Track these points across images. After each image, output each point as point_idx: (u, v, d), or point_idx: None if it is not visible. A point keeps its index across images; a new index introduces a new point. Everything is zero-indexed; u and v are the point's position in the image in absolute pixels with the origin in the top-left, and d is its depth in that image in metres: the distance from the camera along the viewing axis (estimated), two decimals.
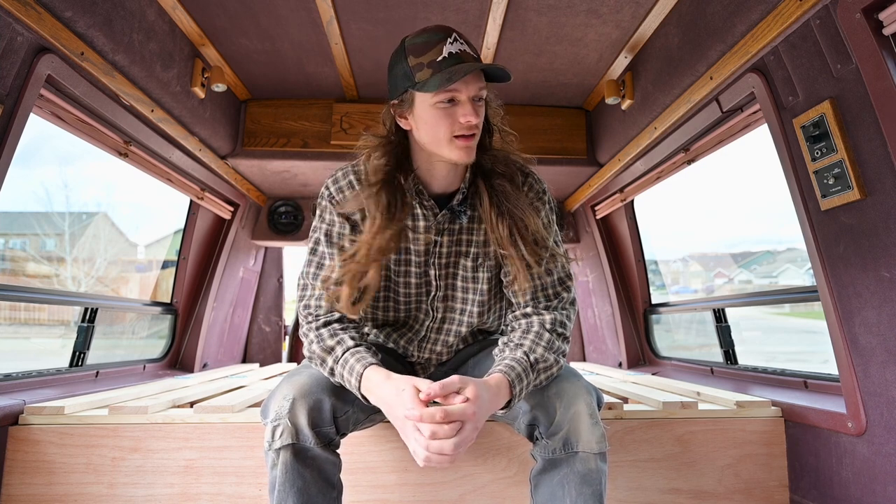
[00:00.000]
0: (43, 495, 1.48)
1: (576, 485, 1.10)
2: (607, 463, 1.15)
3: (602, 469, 1.13)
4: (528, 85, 2.44)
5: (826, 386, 1.74)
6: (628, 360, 3.07)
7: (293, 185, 3.03)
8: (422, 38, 1.16)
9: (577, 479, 1.11)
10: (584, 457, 1.11)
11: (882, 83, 1.18)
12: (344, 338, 1.20)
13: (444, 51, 1.13)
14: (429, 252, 1.32)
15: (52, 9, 1.39)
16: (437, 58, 1.12)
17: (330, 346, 1.20)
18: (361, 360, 1.15)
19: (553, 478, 1.14)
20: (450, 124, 1.15)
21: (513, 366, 1.14)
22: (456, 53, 1.13)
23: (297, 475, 1.10)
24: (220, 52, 2.16)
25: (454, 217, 1.31)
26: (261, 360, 3.63)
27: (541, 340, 1.21)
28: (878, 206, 1.25)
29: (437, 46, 1.13)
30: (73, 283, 18.63)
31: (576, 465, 1.11)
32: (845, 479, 1.41)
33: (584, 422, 1.12)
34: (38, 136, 2.41)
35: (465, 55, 1.14)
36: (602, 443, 1.12)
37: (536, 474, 1.19)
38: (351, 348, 1.18)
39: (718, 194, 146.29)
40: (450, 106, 1.15)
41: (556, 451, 1.14)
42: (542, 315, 1.25)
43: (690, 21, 1.74)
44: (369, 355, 1.17)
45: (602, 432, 1.13)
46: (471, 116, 1.14)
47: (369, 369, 1.13)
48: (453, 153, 1.17)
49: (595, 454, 1.11)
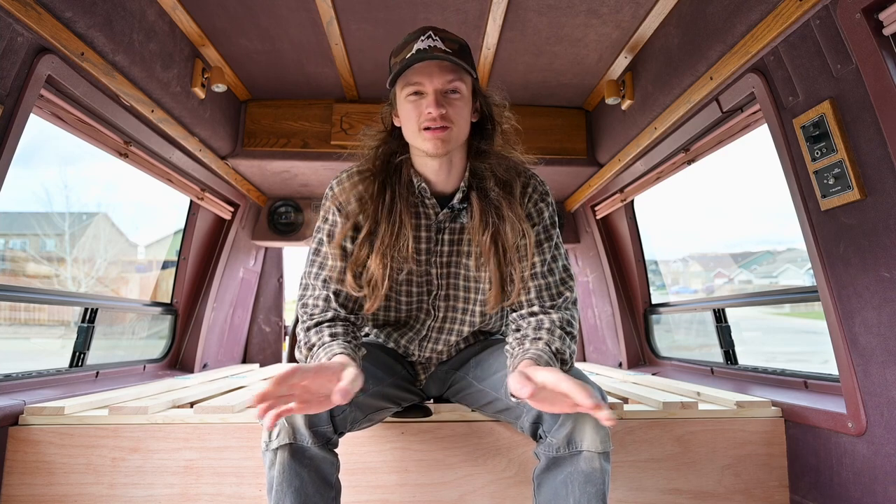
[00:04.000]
0: (43, 495, 1.48)
1: (579, 484, 1.10)
2: (610, 463, 1.15)
3: (605, 469, 1.13)
4: (528, 85, 2.44)
5: (826, 386, 1.74)
6: (628, 361, 3.07)
7: (293, 185, 3.03)
8: (403, 38, 1.24)
9: (580, 478, 1.11)
10: (588, 456, 1.11)
11: (882, 83, 1.18)
12: (324, 334, 1.21)
13: (414, 48, 1.19)
14: (430, 251, 1.33)
15: (52, 9, 1.39)
16: (408, 55, 1.18)
17: (312, 342, 1.21)
18: (328, 353, 1.15)
19: (556, 477, 1.14)
20: (417, 116, 1.20)
21: (540, 354, 1.14)
22: (424, 49, 1.18)
23: (295, 475, 1.10)
24: (220, 52, 2.16)
25: (455, 216, 1.31)
26: (261, 361, 3.63)
27: (554, 336, 1.22)
28: (878, 207, 1.25)
29: (410, 44, 1.20)
30: (73, 284, 18.63)
31: (580, 464, 1.11)
32: (845, 480, 1.41)
33: (589, 421, 1.12)
34: (39, 137, 2.39)
35: (435, 50, 1.17)
36: (606, 442, 1.12)
37: (540, 473, 1.19)
38: (326, 343, 1.19)
39: (719, 194, 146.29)
40: (417, 98, 1.21)
41: (560, 450, 1.14)
42: (549, 314, 1.27)
43: (690, 21, 1.74)
44: (337, 347, 1.16)
45: (607, 432, 1.13)
46: (431, 108, 1.18)
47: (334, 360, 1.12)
48: (423, 144, 1.22)
49: (599, 453, 1.11)
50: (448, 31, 1.23)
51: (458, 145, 1.26)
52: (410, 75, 1.20)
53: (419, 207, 1.31)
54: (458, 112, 1.21)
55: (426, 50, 1.17)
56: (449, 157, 1.27)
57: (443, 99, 1.19)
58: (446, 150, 1.22)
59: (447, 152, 1.23)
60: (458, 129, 1.22)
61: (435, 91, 1.19)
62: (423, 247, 1.32)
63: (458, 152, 1.29)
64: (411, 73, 1.20)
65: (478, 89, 1.30)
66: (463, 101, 1.23)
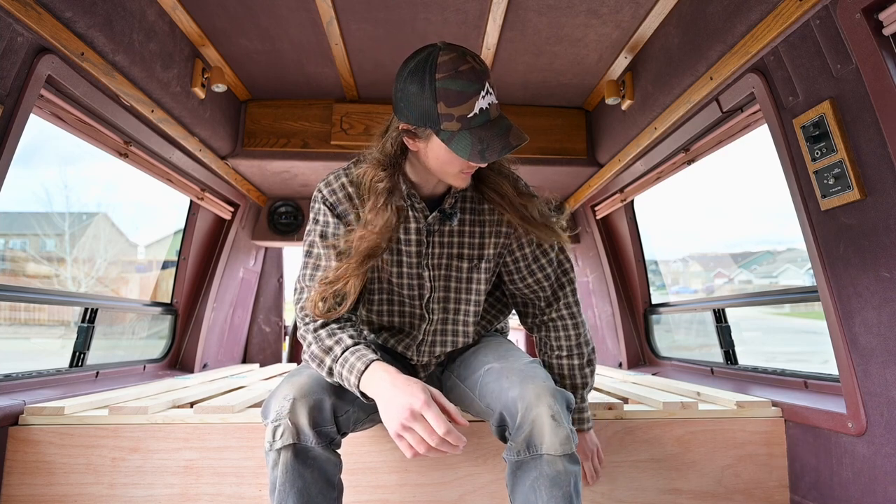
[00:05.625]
0: (43, 496, 1.48)
1: (546, 488, 1.10)
2: (579, 464, 1.14)
3: (570, 470, 1.11)
4: (528, 85, 2.44)
5: (826, 386, 1.74)
6: (628, 361, 3.07)
7: (293, 185, 3.03)
8: (456, 84, 1.08)
9: (546, 482, 1.10)
10: (549, 459, 1.11)
11: (882, 83, 1.18)
12: (342, 337, 1.19)
13: (476, 106, 1.10)
14: (421, 254, 1.33)
15: (52, 9, 1.39)
16: (468, 114, 1.09)
17: (328, 345, 1.19)
18: (362, 358, 1.14)
19: (524, 482, 1.13)
20: (461, 164, 1.17)
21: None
22: (486, 109, 1.11)
23: (298, 475, 1.10)
24: (220, 52, 2.16)
25: (445, 219, 1.31)
26: (261, 361, 3.63)
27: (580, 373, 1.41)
28: (878, 206, 1.25)
29: (469, 101, 1.09)
30: (73, 284, 18.63)
31: (543, 467, 1.11)
32: (845, 480, 1.41)
33: (546, 423, 1.11)
34: (39, 137, 2.40)
35: (493, 109, 1.12)
36: (567, 444, 1.11)
37: (508, 476, 1.19)
38: (350, 347, 1.17)
39: (719, 194, 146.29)
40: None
41: (521, 453, 1.14)
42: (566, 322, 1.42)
43: (690, 21, 1.74)
44: (370, 352, 1.16)
45: (567, 434, 1.12)
46: (480, 164, 1.15)
47: (371, 366, 1.12)
48: (455, 181, 1.22)
49: (560, 456, 1.10)
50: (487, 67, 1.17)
51: None
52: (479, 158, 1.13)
53: (408, 211, 1.30)
54: None
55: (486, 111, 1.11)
56: None
57: None
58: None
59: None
60: None
61: None
62: (413, 249, 1.32)
63: None
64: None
65: None
66: None
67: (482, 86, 1.10)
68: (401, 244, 1.31)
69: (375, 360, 1.14)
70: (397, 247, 1.32)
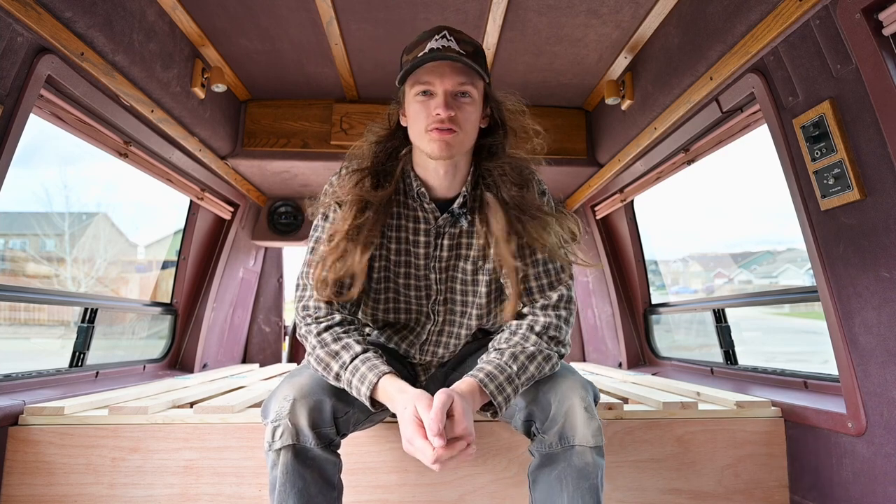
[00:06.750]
0: (43, 496, 1.48)
1: (573, 479, 1.11)
2: (604, 458, 1.15)
3: (598, 463, 1.13)
4: (528, 85, 2.44)
5: (826, 386, 1.74)
6: (628, 361, 3.07)
7: (293, 185, 3.03)
8: (417, 36, 1.21)
9: (574, 473, 1.11)
10: (580, 451, 1.11)
11: (882, 83, 1.18)
12: (349, 342, 1.18)
13: (427, 46, 1.16)
14: (429, 256, 1.32)
15: (52, 9, 1.39)
16: (420, 53, 1.16)
17: (335, 350, 1.17)
18: (374, 369, 1.12)
19: (551, 473, 1.14)
20: (425, 116, 1.17)
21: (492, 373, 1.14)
22: (438, 48, 1.15)
23: (298, 476, 1.10)
24: (220, 52, 2.16)
25: (454, 221, 1.31)
26: (261, 361, 3.63)
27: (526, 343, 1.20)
28: (878, 206, 1.25)
29: (423, 43, 1.17)
30: (72, 284, 18.63)
31: (572, 459, 1.12)
32: (845, 480, 1.41)
33: (580, 416, 1.12)
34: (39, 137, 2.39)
35: (448, 50, 1.15)
36: (598, 436, 1.13)
37: (534, 470, 1.19)
38: (360, 354, 1.16)
39: (719, 194, 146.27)
40: (426, 98, 1.18)
41: (552, 446, 1.14)
42: (536, 316, 1.26)
43: (690, 21, 1.74)
44: (380, 363, 1.14)
45: (598, 426, 1.13)
46: (440, 109, 1.15)
47: (383, 380, 1.11)
48: (428, 146, 1.18)
49: (591, 448, 1.12)
50: (464, 33, 1.20)
51: (463, 151, 1.23)
52: (421, 74, 1.17)
53: (417, 212, 1.30)
54: (466, 116, 1.18)
55: (439, 49, 1.15)
56: (453, 162, 1.24)
57: (452, 101, 1.16)
58: (450, 155, 1.19)
59: (451, 156, 1.20)
60: (464, 134, 1.19)
61: (445, 92, 1.16)
62: (421, 251, 1.31)
63: (464, 157, 1.27)
64: (422, 72, 1.16)
65: (490, 94, 1.27)
66: (473, 106, 1.20)
67: (438, 32, 1.16)
68: (409, 244, 1.31)
69: (386, 374, 1.12)
70: (405, 247, 1.31)
